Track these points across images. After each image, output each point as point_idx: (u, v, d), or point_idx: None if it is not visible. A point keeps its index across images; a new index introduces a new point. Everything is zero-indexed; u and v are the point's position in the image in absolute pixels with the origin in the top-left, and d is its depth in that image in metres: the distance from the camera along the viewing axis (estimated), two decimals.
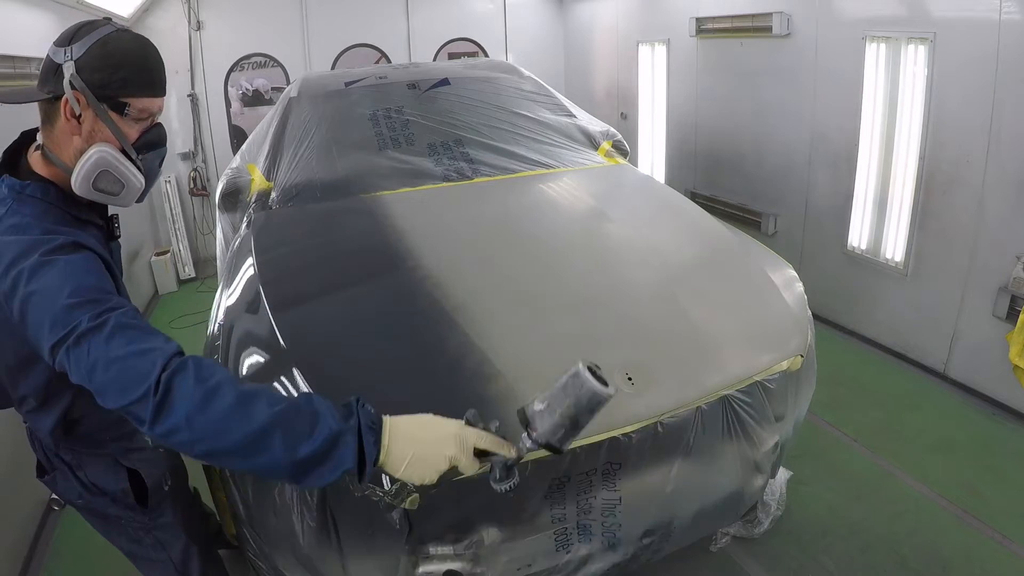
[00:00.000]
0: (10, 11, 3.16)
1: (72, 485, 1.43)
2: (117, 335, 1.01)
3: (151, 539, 1.55)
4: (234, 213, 2.82)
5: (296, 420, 1.00)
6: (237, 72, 6.05)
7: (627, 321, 1.95)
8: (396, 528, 1.54)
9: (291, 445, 0.99)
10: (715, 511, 1.95)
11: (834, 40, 3.79)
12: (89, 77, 1.13)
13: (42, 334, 1.04)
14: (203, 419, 0.97)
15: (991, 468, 2.76)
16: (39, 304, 1.04)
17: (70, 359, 1.02)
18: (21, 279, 1.05)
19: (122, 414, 1.01)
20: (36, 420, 1.35)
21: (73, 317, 1.02)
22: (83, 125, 1.16)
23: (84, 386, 1.02)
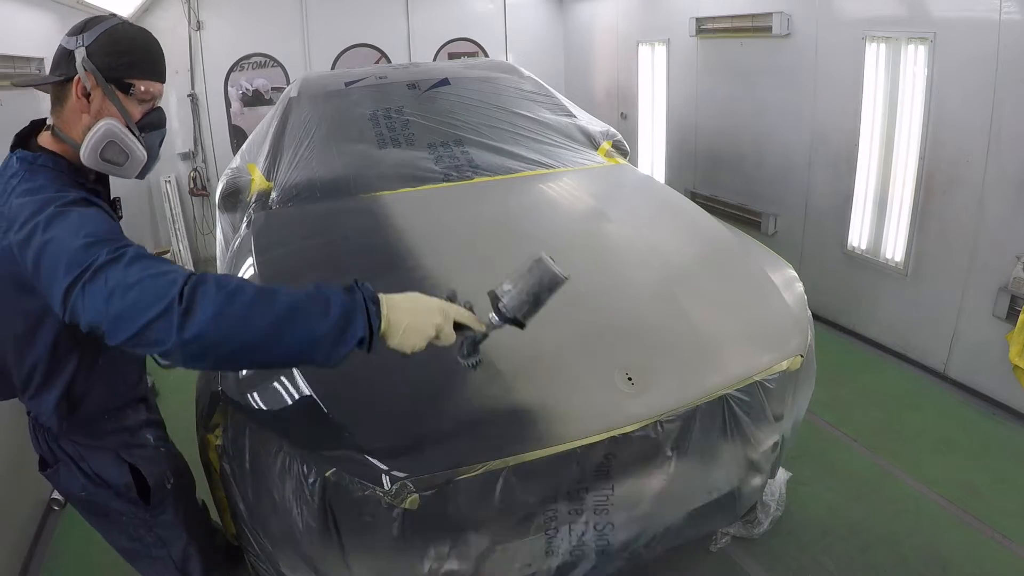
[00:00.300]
0: (10, 11, 3.16)
1: (75, 477, 1.45)
2: (135, 264, 1.06)
3: (152, 536, 1.56)
4: (234, 213, 2.82)
5: (311, 303, 1.10)
6: (237, 72, 6.05)
7: (627, 321, 1.95)
8: (396, 528, 1.54)
9: (310, 325, 1.08)
10: (715, 511, 1.95)
11: (834, 40, 3.79)
12: (99, 61, 1.24)
13: (56, 277, 1.07)
14: (228, 315, 1.03)
15: (991, 468, 2.76)
16: (55, 249, 1.08)
17: (85, 296, 1.04)
18: (37, 230, 1.11)
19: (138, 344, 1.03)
20: (39, 402, 1.37)
21: (90, 254, 1.06)
22: (92, 103, 1.26)
23: (97, 327, 1.05)
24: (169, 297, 1.02)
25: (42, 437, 1.46)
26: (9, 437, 2.50)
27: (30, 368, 1.33)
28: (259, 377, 1.79)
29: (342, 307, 1.11)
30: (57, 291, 1.07)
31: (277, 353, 1.09)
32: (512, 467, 1.56)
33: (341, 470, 1.55)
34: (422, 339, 1.20)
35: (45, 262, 1.09)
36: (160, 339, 1.02)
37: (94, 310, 1.04)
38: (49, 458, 1.47)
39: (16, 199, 1.17)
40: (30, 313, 1.25)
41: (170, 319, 1.01)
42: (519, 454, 1.57)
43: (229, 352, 1.06)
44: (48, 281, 1.09)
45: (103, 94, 1.26)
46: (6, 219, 1.16)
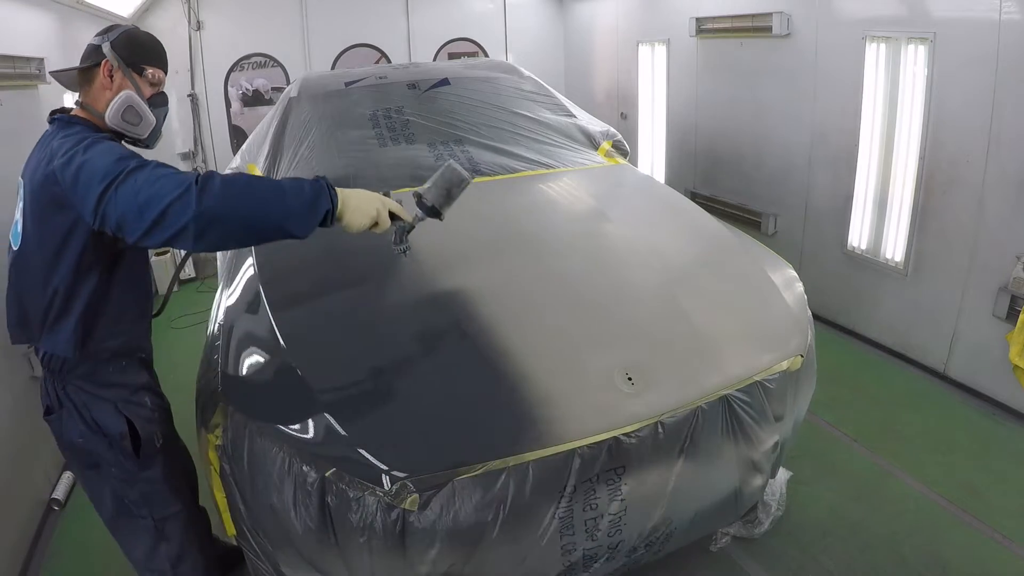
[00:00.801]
0: (10, 11, 3.16)
1: (76, 424, 1.63)
2: (158, 168, 1.40)
3: (136, 493, 1.71)
4: None
5: (291, 186, 1.45)
6: (237, 72, 6.06)
7: (627, 321, 1.95)
8: (396, 528, 1.54)
9: (290, 201, 1.43)
10: (715, 511, 1.95)
11: (834, 40, 3.79)
12: (120, 51, 1.63)
13: (92, 187, 1.36)
14: (233, 192, 1.38)
15: (991, 468, 2.76)
16: (92, 166, 1.40)
17: (117, 195, 1.34)
18: (76, 154, 1.43)
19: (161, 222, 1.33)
20: (57, 333, 1.56)
21: (122, 164, 1.38)
22: (114, 82, 1.63)
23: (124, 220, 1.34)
24: (188, 182, 1.35)
25: (51, 385, 1.64)
26: (9, 437, 2.51)
27: (51, 294, 1.53)
28: (259, 377, 1.79)
29: (312, 189, 1.46)
30: (92, 198, 1.36)
31: (266, 224, 1.41)
32: (512, 467, 1.56)
33: (341, 470, 1.55)
34: (366, 219, 1.55)
35: (83, 177, 1.39)
36: (180, 215, 1.32)
37: (125, 204, 1.33)
38: (55, 405, 1.65)
39: (56, 141, 1.50)
40: (60, 230, 1.48)
41: (189, 197, 1.32)
42: (519, 454, 1.57)
43: (232, 223, 1.38)
44: (84, 191, 1.38)
45: (123, 75, 1.63)
46: (48, 154, 1.48)
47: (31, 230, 1.52)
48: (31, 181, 1.51)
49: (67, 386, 1.63)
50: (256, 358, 1.85)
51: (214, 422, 1.74)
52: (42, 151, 1.53)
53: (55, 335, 1.57)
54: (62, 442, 1.68)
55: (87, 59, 1.63)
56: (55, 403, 1.65)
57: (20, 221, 1.56)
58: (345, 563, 1.60)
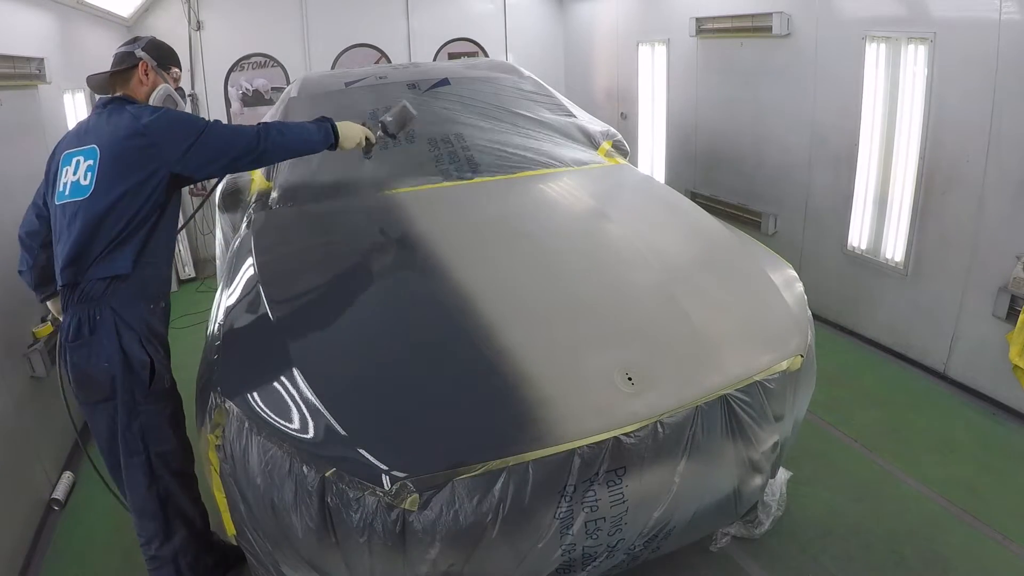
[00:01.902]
0: (10, 11, 3.16)
1: (104, 348, 1.84)
2: (220, 124, 1.98)
3: (136, 426, 1.90)
4: (234, 213, 2.82)
5: (315, 126, 2.20)
6: (237, 72, 6.06)
7: (627, 321, 1.95)
8: (396, 528, 1.54)
9: (314, 135, 2.18)
10: (715, 511, 1.95)
11: (834, 40, 3.79)
12: (152, 54, 2.05)
13: (187, 133, 1.88)
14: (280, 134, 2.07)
15: (991, 468, 2.76)
16: (180, 120, 1.91)
17: (206, 140, 1.90)
18: (163, 115, 1.90)
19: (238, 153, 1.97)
20: (122, 252, 1.85)
21: (201, 123, 1.93)
22: (149, 79, 2.04)
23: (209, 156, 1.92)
24: (255, 131, 2.01)
25: (85, 312, 1.85)
26: (9, 437, 2.51)
27: (126, 222, 1.84)
28: (259, 377, 1.79)
29: (323, 129, 2.20)
30: (185, 142, 1.86)
31: (298, 152, 2.19)
32: (512, 467, 1.56)
33: (341, 470, 1.55)
34: (354, 143, 2.31)
35: (177, 127, 1.88)
36: (249, 152, 1.99)
37: (210, 149, 1.91)
38: (84, 332, 1.85)
39: (131, 109, 1.91)
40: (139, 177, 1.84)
41: (256, 138, 1.99)
42: (519, 454, 1.57)
43: (279, 154, 2.14)
44: (178, 138, 1.86)
45: (156, 73, 2.05)
46: (130, 117, 1.87)
47: (108, 178, 1.83)
48: (111, 140, 1.85)
49: (103, 312, 1.85)
50: (256, 358, 1.85)
51: (214, 422, 1.74)
52: (115, 119, 1.88)
53: (112, 259, 1.84)
54: (85, 368, 1.86)
55: (123, 62, 2.03)
56: (86, 330, 1.84)
57: (84, 176, 1.85)
58: (345, 563, 1.60)
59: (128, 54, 2.02)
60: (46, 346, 2.78)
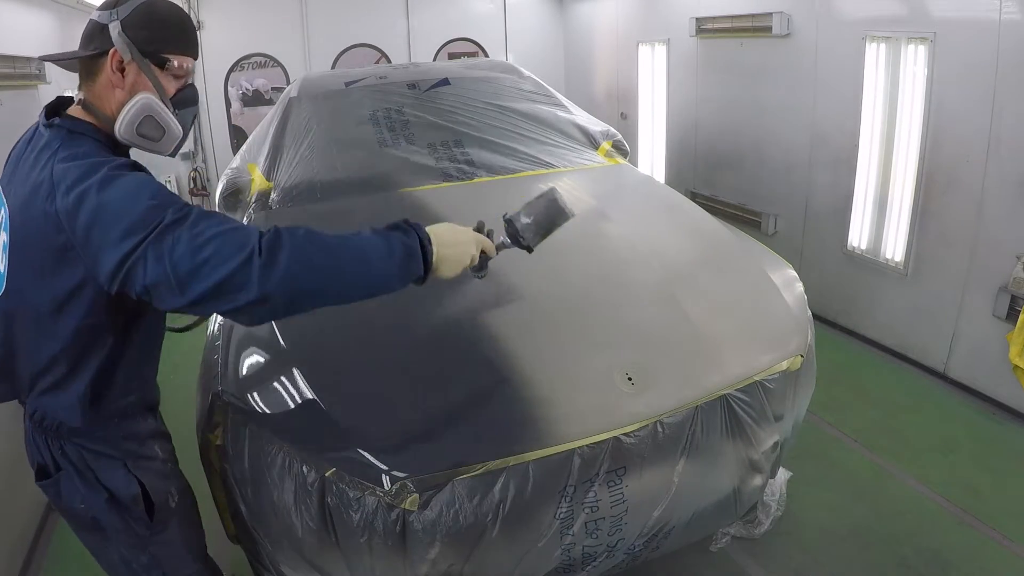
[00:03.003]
0: (10, 11, 3.16)
1: (76, 490, 1.34)
2: (202, 220, 1.07)
3: (147, 556, 1.43)
4: (234, 213, 2.81)
5: (375, 248, 1.19)
6: (237, 72, 6.06)
7: (627, 321, 1.95)
8: (396, 528, 1.54)
9: (376, 268, 1.19)
10: (715, 511, 1.95)
11: (834, 40, 3.79)
12: (134, 34, 1.21)
13: (111, 242, 1.05)
14: (306, 266, 1.10)
15: (991, 468, 2.76)
16: (114, 211, 1.06)
17: (148, 258, 1.04)
18: (89, 192, 1.07)
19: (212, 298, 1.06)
20: (58, 396, 1.27)
21: (155, 215, 1.04)
22: (126, 77, 1.23)
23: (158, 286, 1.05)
24: (248, 249, 1.05)
25: (44, 443, 1.34)
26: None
27: (50, 357, 1.23)
28: (259, 377, 1.79)
29: (403, 248, 1.21)
30: (111, 257, 1.05)
31: (347, 295, 1.19)
32: (512, 467, 1.56)
33: (341, 470, 1.55)
34: (459, 269, 1.33)
35: (98, 228, 1.06)
36: (241, 286, 1.04)
37: (159, 272, 1.03)
38: (51, 467, 1.35)
39: (60, 164, 1.12)
40: (61, 289, 1.16)
41: (251, 269, 1.04)
42: (519, 454, 1.57)
43: (304, 298, 1.13)
44: (99, 246, 1.06)
45: (138, 68, 1.23)
46: (48, 185, 1.11)
47: (20, 276, 1.20)
48: (22, 214, 1.17)
49: (65, 447, 1.33)
50: (256, 358, 1.85)
51: (214, 422, 1.74)
52: (37, 171, 1.16)
53: (54, 400, 1.28)
54: (60, 506, 1.40)
55: (88, 43, 1.24)
56: (51, 465, 1.34)
57: (1, 257, 1.23)
58: (345, 563, 1.60)
59: (98, 29, 1.22)
60: None
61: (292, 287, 1.09)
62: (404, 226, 1.26)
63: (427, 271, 1.26)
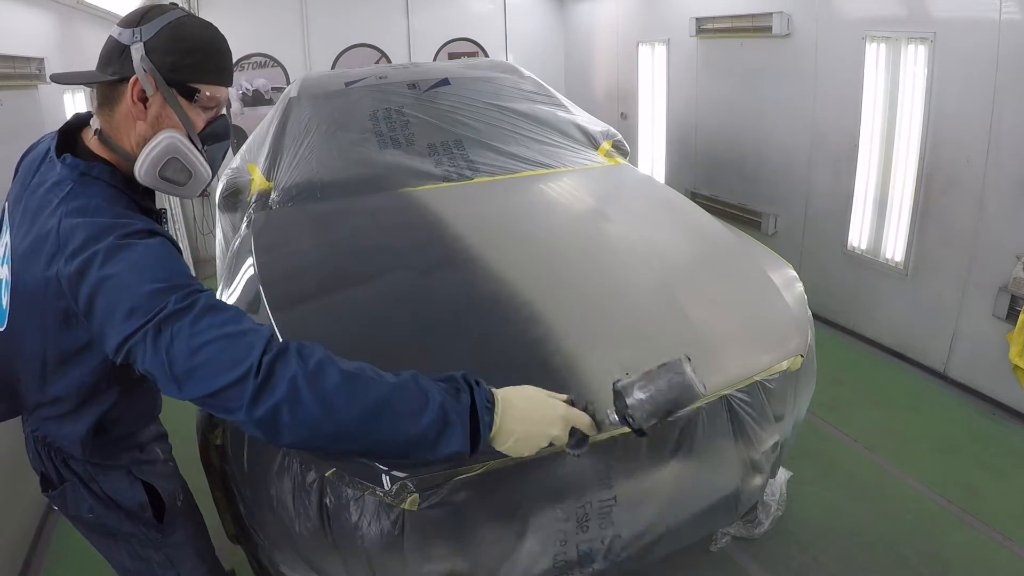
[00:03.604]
0: (10, 11, 3.16)
1: (83, 499, 1.30)
2: (206, 316, 0.96)
3: (160, 556, 1.41)
4: (234, 213, 2.82)
5: (405, 398, 0.99)
6: (237, 72, 6.05)
7: (627, 321, 1.95)
8: (395, 528, 1.54)
9: (401, 424, 0.98)
10: (715, 511, 1.95)
11: (834, 40, 3.79)
12: (160, 60, 1.07)
13: (113, 322, 0.97)
14: (308, 400, 0.94)
15: (991, 468, 2.76)
16: (116, 289, 0.97)
17: (147, 346, 0.95)
18: (94, 262, 0.98)
19: (207, 405, 0.97)
20: (62, 426, 1.22)
21: (157, 301, 0.95)
22: (149, 110, 1.09)
23: (156, 375, 0.97)
24: (246, 365, 0.94)
25: (47, 457, 1.29)
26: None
27: (54, 397, 1.19)
28: None
29: (440, 409, 1.00)
30: (113, 336, 0.98)
31: (361, 447, 1.02)
32: (512, 467, 1.56)
33: (341, 470, 1.54)
34: (533, 448, 1.08)
35: (101, 302, 0.98)
36: (231, 408, 0.95)
37: (157, 363, 0.96)
38: (54, 478, 1.31)
39: (68, 219, 1.02)
40: (66, 347, 1.11)
41: (243, 390, 0.93)
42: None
43: (305, 437, 0.98)
44: (102, 322, 0.99)
45: (163, 100, 1.09)
46: (53, 242, 1.01)
47: (22, 323, 1.13)
48: (23, 265, 1.07)
49: (68, 461, 1.29)
50: None
51: (214, 422, 1.74)
52: (44, 217, 1.05)
53: (56, 429, 1.24)
54: (68, 515, 1.36)
55: (107, 66, 1.09)
56: (55, 477, 1.31)
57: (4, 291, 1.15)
58: (344, 563, 1.60)
59: (119, 50, 1.08)
60: None
61: (286, 420, 0.94)
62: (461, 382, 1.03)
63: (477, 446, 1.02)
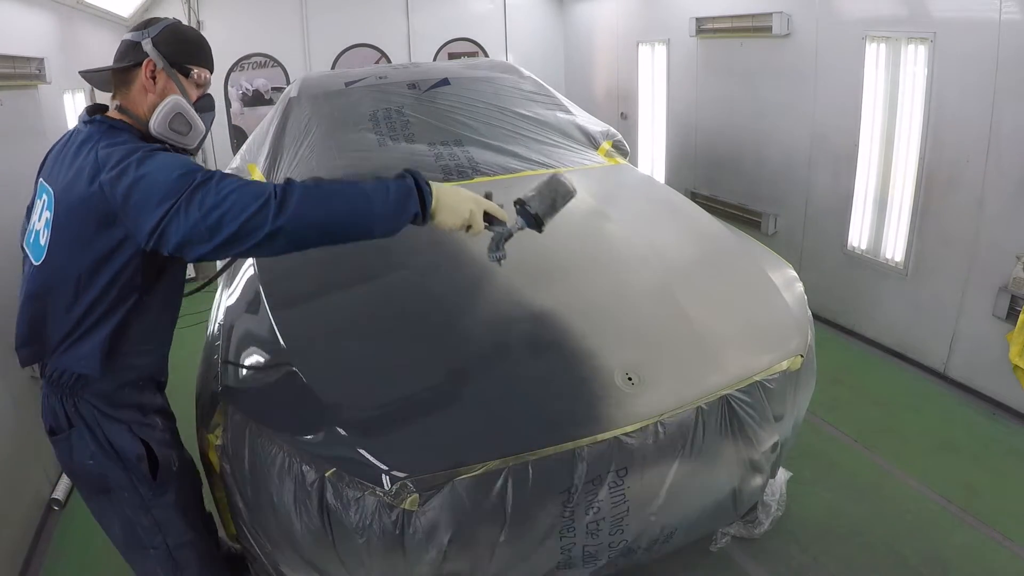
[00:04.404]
0: (10, 11, 3.16)
1: (86, 444, 1.49)
2: (225, 179, 1.29)
3: (149, 520, 1.57)
4: None
5: (380, 187, 1.37)
6: (237, 72, 6.06)
7: (627, 321, 1.95)
8: (396, 528, 1.54)
9: (381, 202, 1.36)
10: (715, 511, 1.95)
11: (834, 40, 3.79)
12: (164, 49, 1.48)
13: (149, 207, 1.26)
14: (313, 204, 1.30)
15: (991, 468, 2.76)
16: (151, 181, 1.28)
17: (180, 215, 1.25)
18: (129, 168, 1.29)
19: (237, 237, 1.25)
20: (80, 348, 1.43)
21: (186, 181, 1.26)
22: (157, 84, 1.48)
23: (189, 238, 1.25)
24: (266, 194, 1.26)
25: (58, 402, 1.48)
26: (9, 437, 2.51)
27: (81, 313, 1.41)
28: (259, 377, 1.79)
29: (399, 191, 1.38)
30: (150, 219, 1.26)
31: (349, 233, 1.37)
32: (512, 467, 1.56)
33: (341, 470, 1.55)
34: (458, 220, 1.46)
35: (137, 195, 1.28)
36: (258, 228, 1.25)
37: (191, 224, 1.25)
38: (62, 424, 1.49)
39: (104, 149, 1.34)
40: (101, 250, 1.36)
41: (268, 210, 1.25)
42: (519, 454, 1.57)
43: (311, 232, 1.32)
44: (138, 211, 1.28)
45: (167, 76, 1.48)
46: (93, 165, 1.33)
47: (61, 244, 1.38)
48: (67, 193, 1.37)
49: (79, 404, 1.48)
50: (256, 358, 1.85)
51: (214, 422, 1.74)
52: (81, 158, 1.37)
53: (76, 352, 1.44)
54: (70, 464, 1.52)
55: (124, 57, 1.48)
56: (63, 422, 1.49)
57: (43, 232, 1.41)
58: (345, 563, 1.60)
59: (132, 46, 1.48)
60: None
61: (301, 222, 1.28)
62: (404, 172, 1.42)
63: (426, 213, 1.41)
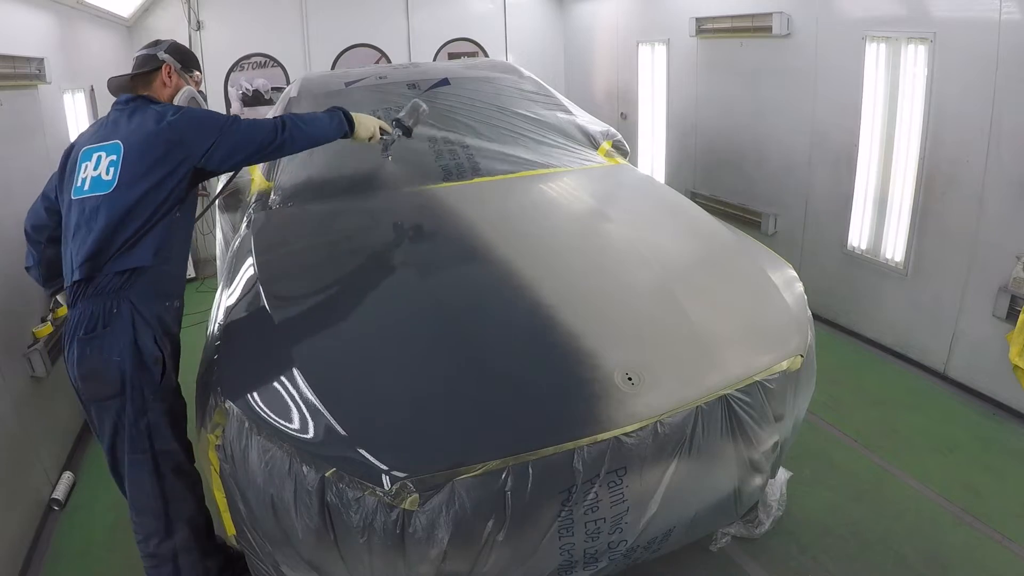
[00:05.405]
0: (10, 11, 3.16)
1: (117, 341, 1.85)
2: (247, 120, 2.06)
3: (144, 423, 1.89)
4: (234, 213, 2.82)
5: (330, 115, 2.26)
6: (237, 72, 6.06)
7: (627, 321, 1.95)
8: (395, 528, 1.54)
9: (329, 123, 2.24)
10: (715, 511, 1.95)
11: (834, 40, 3.79)
12: (175, 57, 2.15)
13: (210, 129, 1.95)
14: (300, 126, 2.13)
15: (991, 468, 2.76)
16: (201, 119, 1.97)
17: (222, 141, 1.95)
18: (186, 112, 1.99)
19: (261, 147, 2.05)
20: (134, 252, 1.87)
21: (225, 119, 2.02)
22: (172, 81, 2.14)
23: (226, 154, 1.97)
24: (275, 125, 2.08)
25: (101, 305, 1.85)
26: (9, 437, 2.51)
27: (149, 215, 1.88)
28: (259, 377, 1.79)
29: (338, 115, 2.27)
30: (209, 137, 1.93)
31: (315, 141, 2.22)
32: (512, 467, 1.56)
33: (341, 470, 1.55)
34: (367, 133, 2.35)
35: (194, 129, 1.93)
36: (269, 143, 2.05)
37: (228, 146, 1.97)
38: (99, 324, 1.84)
39: (156, 107, 1.99)
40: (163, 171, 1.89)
41: (275, 131, 2.07)
42: (519, 454, 1.57)
43: (299, 139, 2.14)
44: (202, 133, 1.93)
45: (179, 76, 2.16)
46: (159, 112, 1.95)
47: (133, 173, 1.88)
48: (134, 135, 1.91)
49: (120, 304, 1.86)
50: (256, 358, 1.85)
51: (214, 422, 1.74)
52: (139, 116, 1.95)
53: (133, 252, 1.87)
54: (94, 364, 1.84)
55: (146, 65, 2.12)
56: (100, 322, 1.84)
57: (106, 171, 1.89)
58: (345, 563, 1.60)
59: (151, 56, 2.11)
60: (46, 346, 2.78)
61: (293, 136, 2.10)
62: (335, 108, 2.29)
63: (353, 130, 2.30)
